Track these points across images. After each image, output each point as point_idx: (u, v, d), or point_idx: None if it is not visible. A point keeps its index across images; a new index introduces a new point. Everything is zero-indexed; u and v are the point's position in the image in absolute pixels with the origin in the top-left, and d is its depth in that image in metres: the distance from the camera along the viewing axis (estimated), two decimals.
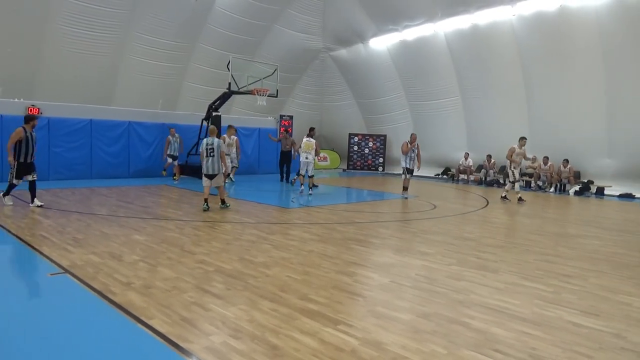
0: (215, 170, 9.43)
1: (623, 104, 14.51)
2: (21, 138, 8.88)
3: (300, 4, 20.30)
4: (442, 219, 9.54)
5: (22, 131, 8.92)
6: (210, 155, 9.38)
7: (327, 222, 8.65)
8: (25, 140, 8.91)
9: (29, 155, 9.02)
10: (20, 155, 8.93)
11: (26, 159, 8.98)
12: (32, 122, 9.16)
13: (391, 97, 21.86)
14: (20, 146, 8.89)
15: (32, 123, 9.13)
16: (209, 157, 9.38)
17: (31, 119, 9.20)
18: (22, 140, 8.89)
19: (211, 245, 6.46)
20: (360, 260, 5.95)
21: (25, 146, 8.94)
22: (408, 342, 3.47)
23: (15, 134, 8.89)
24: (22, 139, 8.89)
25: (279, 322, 3.76)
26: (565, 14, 14.71)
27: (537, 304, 4.39)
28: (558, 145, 16.32)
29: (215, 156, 9.37)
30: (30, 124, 9.11)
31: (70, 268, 5.08)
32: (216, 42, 18.95)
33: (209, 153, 9.38)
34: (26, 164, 9.00)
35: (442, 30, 18.17)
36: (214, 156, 9.37)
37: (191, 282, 4.75)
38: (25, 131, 8.95)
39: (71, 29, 15.36)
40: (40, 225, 7.40)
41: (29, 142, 8.98)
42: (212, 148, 9.37)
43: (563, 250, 6.93)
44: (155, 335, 3.45)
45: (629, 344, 3.56)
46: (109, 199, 10.62)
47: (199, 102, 18.54)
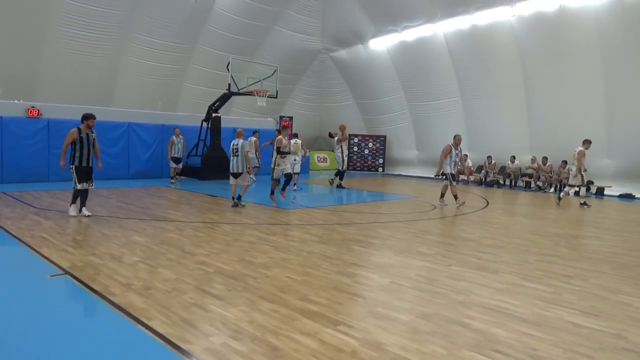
0: (240, 169, 10.04)
1: (622, 104, 14.52)
2: (75, 139, 8.15)
3: (300, 4, 20.32)
4: (442, 220, 9.53)
5: (76, 132, 8.17)
6: (235, 155, 10.06)
7: (327, 223, 8.65)
8: (79, 142, 8.17)
9: (84, 158, 8.23)
10: (74, 158, 8.18)
11: (81, 162, 8.21)
12: (87, 122, 8.30)
13: (391, 97, 21.87)
14: (75, 148, 8.16)
15: (87, 122, 8.29)
16: (234, 157, 10.08)
17: (86, 118, 8.31)
18: (76, 142, 8.16)
19: (211, 246, 6.46)
20: (360, 261, 5.94)
21: (79, 148, 8.18)
22: (408, 342, 3.47)
23: (69, 135, 8.17)
24: (76, 140, 8.15)
25: (279, 323, 3.76)
26: (565, 15, 14.73)
27: (538, 305, 4.39)
28: (558, 146, 16.31)
29: (239, 156, 10.00)
30: (85, 124, 8.29)
31: (70, 269, 5.07)
32: (216, 43, 18.96)
33: (234, 153, 10.08)
34: (83, 168, 8.22)
35: (442, 31, 18.19)
36: (238, 156, 10.01)
37: (191, 283, 4.75)
38: (79, 132, 8.18)
39: (71, 30, 15.37)
40: (40, 226, 7.40)
41: (83, 143, 8.21)
42: (236, 148, 10.04)
43: (563, 250, 6.93)
44: (155, 336, 3.45)
45: (629, 344, 3.55)
46: (109, 200, 10.61)
47: (199, 103, 18.56)
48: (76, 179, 8.18)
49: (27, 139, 13.63)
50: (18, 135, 13.45)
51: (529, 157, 17.41)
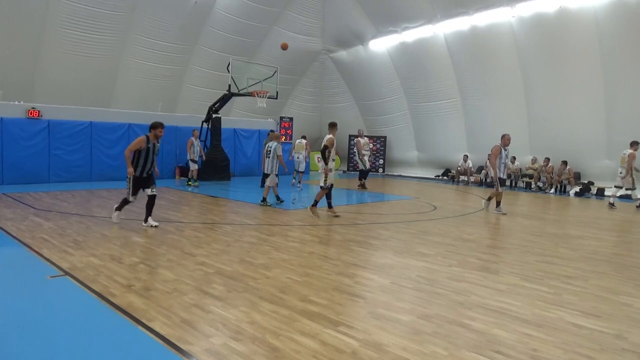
0: (268, 170, 10.77)
1: (622, 104, 14.52)
2: (141, 148, 7.50)
3: (300, 5, 20.34)
4: (442, 220, 9.53)
5: (145, 141, 7.51)
6: (267, 156, 10.90)
7: (328, 224, 8.65)
8: (145, 152, 7.52)
9: (146, 169, 7.65)
10: (136, 167, 7.56)
11: (142, 172, 7.62)
12: (155, 131, 7.58)
13: (391, 98, 21.88)
14: (139, 157, 7.51)
15: (154, 132, 7.57)
16: (267, 158, 10.90)
17: (154, 127, 7.59)
18: (141, 151, 7.51)
19: (211, 247, 6.46)
20: (361, 262, 5.94)
21: (144, 158, 7.56)
22: (409, 343, 3.46)
23: (136, 142, 7.54)
24: (142, 149, 7.50)
25: (279, 323, 3.76)
26: (565, 16, 14.74)
27: (538, 305, 4.39)
28: (558, 147, 16.33)
29: (271, 158, 10.76)
30: (153, 133, 7.58)
31: (70, 270, 5.07)
32: (216, 44, 18.98)
33: (267, 154, 10.93)
34: (142, 178, 7.67)
35: (442, 32, 18.20)
36: (269, 157, 10.79)
37: (191, 284, 4.74)
38: (147, 141, 7.53)
39: (71, 31, 15.39)
40: (41, 227, 7.40)
41: (149, 154, 7.59)
42: (269, 150, 10.84)
43: (563, 251, 6.93)
44: (156, 337, 3.44)
45: (630, 345, 3.55)
46: (109, 201, 10.61)
47: (199, 104, 18.58)
48: (131, 189, 7.66)
49: (28, 140, 13.65)
50: (18, 137, 13.47)
51: (529, 157, 17.42)
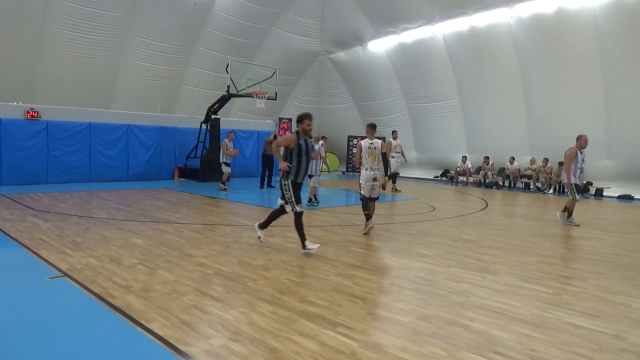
0: (312, 172, 10.92)
1: (621, 105, 14.55)
2: (291, 146, 6.18)
3: (299, 6, 20.35)
4: (441, 221, 9.53)
5: (295, 138, 6.21)
6: None
7: (327, 225, 8.65)
8: (297, 151, 6.17)
9: (302, 172, 6.27)
10: (290, 171, 6.19)
11: (297, 176, 6.25)
12: (302, 125, 6.27)
13: (390, 99, 21.89)
14: (291, 158, 6.18)
15: (302, 126, 6.27)
16: None
17: (301, 120, 6.28)
18: (292, 150, 6.18)
19: (210, 248, 6.45)
20: (360, 263, 5.94)
21: (297, 159, 6.18)
22: (408, 344, 3.46)
23: (284, 138, 6.33)
24: (292, 147, 6.18)
25: (278, 324, 3.76)
26: (563, 16, 14.77)
27: (537, 306, 4.39)
28: (557, 147, 16.28)
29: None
30: (301, 127, 6.27)
31: (69, 271, 5.07)
32: (215, 45, 18.99)
33: None
34: (298, 185, 6.32)
35: (441, 33, 18.22)
36: None
37: (190, 285, 4.74)
38: (298, 137, 6.24)
39: (70, 32, 15.39)
40: (39, 228, 7.39)
41: (302, 152, 6.20)
42: None
43: (562, 251, 6.93)
44: (155, 338, 3.44)
45: (628, 345, 3.55)
46: (108, 202, 10.60)
47: (198, 105, 18.57)
48: (293, 197, 6.23)
49: (26, 141, 13.63)
50: (17, 138, 13.45)
51: (527, 158, 17.44)
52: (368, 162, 7.82)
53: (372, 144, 7.82)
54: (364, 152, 7.83)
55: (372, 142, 7.84)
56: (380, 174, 7.88)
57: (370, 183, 7.83)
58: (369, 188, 7.85)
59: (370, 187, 7.85)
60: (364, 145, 7.86)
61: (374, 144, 7.85)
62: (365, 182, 7.83)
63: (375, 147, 7.82)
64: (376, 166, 7.81)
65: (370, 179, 7.82)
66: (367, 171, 7.83)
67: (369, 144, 7.84)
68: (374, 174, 7.83)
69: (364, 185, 7.83)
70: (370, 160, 7.81)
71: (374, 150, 7.82)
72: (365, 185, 7.83)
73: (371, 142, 7.83)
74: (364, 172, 7.85)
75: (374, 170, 7.81)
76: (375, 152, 7.82)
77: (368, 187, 7.85)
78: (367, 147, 7.83)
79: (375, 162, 7.80)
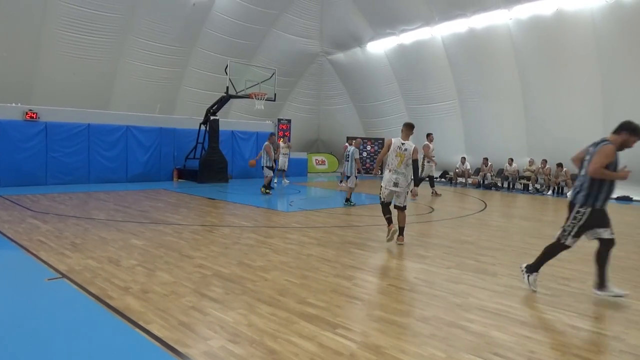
0: (348, 172, 11.71)
1: (619, 106, 14.55)
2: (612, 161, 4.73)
3: (298, 8, 20.38)
4: (440, 222, 9.54)
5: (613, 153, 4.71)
6: (346, 160, 11.92)
7: (326, 226, 8.65)
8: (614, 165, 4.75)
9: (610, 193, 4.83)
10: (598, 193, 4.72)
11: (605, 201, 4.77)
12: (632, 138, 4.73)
13: (389, 100, 21.92)
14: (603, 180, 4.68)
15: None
16: (346, 161, 11.93)
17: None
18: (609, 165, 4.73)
19: (209, 249, 6.45)
20: (359, 264, 5.94)
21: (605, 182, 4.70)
22: (407, 345, 3.46)
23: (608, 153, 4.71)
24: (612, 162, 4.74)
25: (277, 326, 3.75)
26: (562, 18, 14.80)
27: (536, 307, 4.39)
28: (555, 148, 16.35)
29: (349, 161, 11.69)
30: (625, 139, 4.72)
31: (67, 273, 5.06)
32: (214, 46, 18.99)
33: (346, 158, 11.94)
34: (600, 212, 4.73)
35: (439, 34, 18.25)
36: (349, 161, 11.74)
37: (189, 286, 4.73)
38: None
39: (69, 33, 15.39)
40: (38, 230, 7.38)
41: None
42: (348, 154, 11.84)
43: (561, 253, 6.92)
44: (153, 340, 3.44)
45: (627, 347, 3.56)
46: (107, 204, 10.59)
47: (197, 106, 18.57)
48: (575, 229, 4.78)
49: (25, 143, 13.61)
50: (16, 139, 13.43)
51: (526, 159, 17.45)
52: (394, 163, 6.91)
53: (403, 144, 6.91)
54: (392, 151, 6.93)
55: (403, 142, 6.93)
56: (403, 180, 6.88)
57: (390, 188, 6.91)
58: (387, 193, 6.98)
59: (389, 193, 6.95)
60: (394, 144, 6.96)
61: (406, 145, 6.91)
62: (385, 186, 6.99)
63: (405, 148, 6.88)
64: (401, 170, 6.87)
65: (391, 182, 6.89)
66: (389, 173, 6.95)
67: (400, 143, 6.93)
68: (396, 179, 6.87)
69: (383, 189, 7.05)
70: (397, 163, 6.88)
71: (403, 152, 6.88)
72: (384, 189, 7.00)
73: (402, 143, 6.92)
74: (387, 173, 6.99)
75: (398, 174, 6.88)
76: (405, 155, 6.86)
77: (386, 192, 6.98)
78: (397, 147, 6.91)
79: (402, 166, 6.86)
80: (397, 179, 6.86)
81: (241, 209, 10.77)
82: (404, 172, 6.88)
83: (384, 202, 7.04)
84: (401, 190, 6.89)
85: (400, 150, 6.88)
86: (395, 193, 6.92)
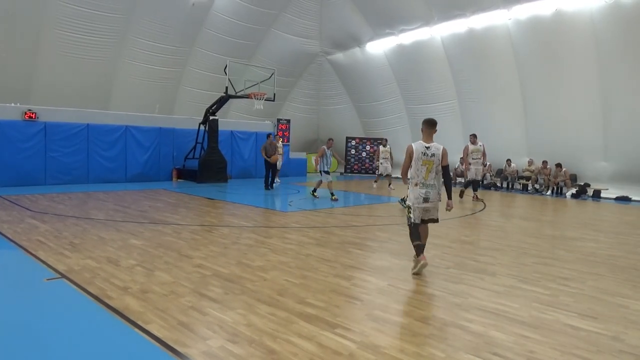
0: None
1: (619, 107, 14.59)
2: None
3: (298, 8, 20.39)
4: (439, 222, 9.52)
5: None
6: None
7: (325, 226, 8.64)
8: None
9: None
10: None
11: None
12: None
13: (388, 100, 21.93)
14: None
15: None
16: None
17: None
18: None
19: (208, 249, 6.44)
20: (358, 264, 5.94)
21: None
22: (406, 345, 3.46)
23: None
24: None
25: (276, 326, 3.75)
26: (561, 18, 14.81)
27: (535, 307, 4.39)
28: (555, 149, 16.38)
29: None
30: None
31: (66, 273, 5.05)
32: (213, 46, 18.99)
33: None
34: None
35: (439, 34, 18.26)
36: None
37: (188, 286, 4.73)
38: None
39: (68, 33, 15.37)
40: (37, 230, 7.37)
41: None
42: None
43: (560, 253, 6.94)
44: (153, 340, 3.43)
45: (626, 347, 3.56)
46: (106, 204, 10.58)
47: (196, 106, 18.58)
48: None
49: (24, 143, 13.61)
50: (15, 139, 13.43)
51: (525, 159, 17.46)
52: (420, 174, 5.48)
53: (428, 148, 5.47)
54: (415, 160, 5.48)
55: (428, 146, 5.49)
56: (435, 193, 5.53)
57: (421, 206, 5.52)
58: (419, 213, 5.56)
59: (422, 211, 5.57)
60: (417, 151, 5.49)
61: (432, 149, 5.48)
62: (416, 204, 5.53)
63: (432, 153, 5.46)
64: (430, 182, 5.48)
65: (420, 199, 5.49)
66: (417, 188, 5.50)
67: (423, 148, 5.48)
68: (426, 193, 5.47)
69: (413, 208, 5.56)
70: (424, 173, 5.47)
71: (430, 159, 5.46)
72: (414, 208, 5.55)
73: (427, 147, 5.48)
74: (414, 188, 5.53)
75: (427, 187, 5.48)
76: (432, 162, 5.46)
77: (419, 212, 5.56)
78: (421, 154, 5.47)
79: (431, 176, 5.47)
80: (427, 192, 5.48)
81: (240, 209, 10.77)
82: (434, 184, 5.51)
83: (415, 223, 5.60)
84: (433, 205, 5.60)
85: (426, 157, 5.47)
86: (428, 210, 5.60)
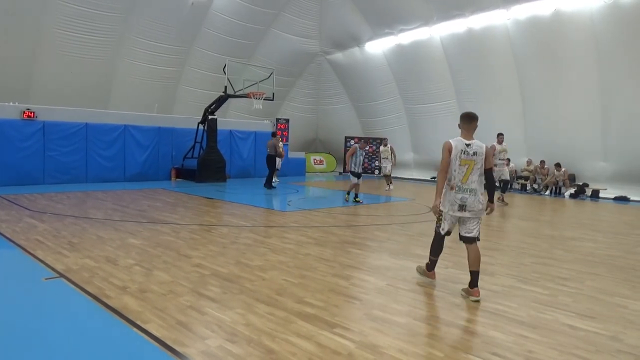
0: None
1: (618, 107, 14.61)
2: None
3: (297, 7, 20.37)
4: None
5: None
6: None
7: (324, 225, 8.64)
8: None
9: None
10: None
11: None
12: None
13: (387, 100, 21.94)
14: None
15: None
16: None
17: None
18: None
19: (207, 248, 6.44)
20: (357, 264, 5.94)
21: None
22: (405, 345, 3.46)
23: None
24: None
25: (275, 325, 3.75)
26: (560, 19, 14.82)
27: (534, 307, 4.39)
28: (554, 149, 16.40)
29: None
30: None
31: (65, 272, 5.04)
32: (212, 46, 18.97)
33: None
34: None
35: (438, 34, 18.27)
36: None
37: (187, 285, 4.73)
38: None
39: (67, 32, 15.34)
40: (35, 229, 7.35)
41: None
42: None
43: (559, 252, 6.95)
44: (151, 339, 3.43)
45: (625, 347, 3.56)
46: (105, 203, 10.57)
47: (195, 105, 18.55)
48: None
49: (23, 142, 13.57)
50: (13, 138, 13.38)
51: (524, 159, 17.48)
52: (458, 177, 4.56)
53: (468, 146, 4.56)
54: (454, 159, 4.56)
55: (469, 143, 4.57)
56: (473, 200, 4.55)
57: (455, 214, 4.61)
58: (452, 221, 4.70)
59: (456, 220, 4.68)
60: (455, 148, 4.57)
61: (473, 147, 4.56)
62: (450, 210, 4.64)
63: (474, 152, 4.55)
64: (469, 185, 4.54)
65: (456, 205, 4.58)
66: (452, 192, 4.60)
67: (463, 146, 4.57)
68: (462, 199, 4.55)
69: (445, 214, 4.71)
70: (463, 174, 4.54)
71: (471, 158, 4.55)
72: (449, 216, 4.68)
73: (467, 144, 4.57)
74: (450, 192, 4.62)
75: (464, 191, 4.55)
76: (474, 161, 4.55)
77: (452, 220, 4.70)
78: (461, 151, 4.55)
79: (470, 179, 4.54)
80: (464, 199, 4.56)
81: (239, 208, 10.76)
82: (475, 189, 4.56)
83: (443, 233, 4.83)
84: (471, 215, 4.60)
85: (466, 157, 4.55)
86: (462, 220, 4.66)
